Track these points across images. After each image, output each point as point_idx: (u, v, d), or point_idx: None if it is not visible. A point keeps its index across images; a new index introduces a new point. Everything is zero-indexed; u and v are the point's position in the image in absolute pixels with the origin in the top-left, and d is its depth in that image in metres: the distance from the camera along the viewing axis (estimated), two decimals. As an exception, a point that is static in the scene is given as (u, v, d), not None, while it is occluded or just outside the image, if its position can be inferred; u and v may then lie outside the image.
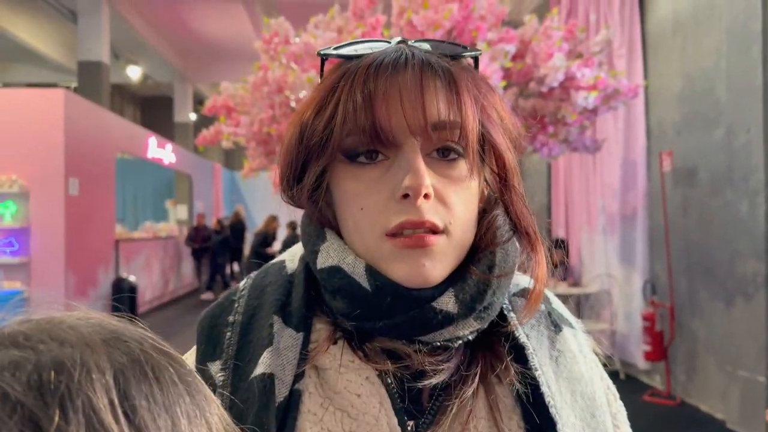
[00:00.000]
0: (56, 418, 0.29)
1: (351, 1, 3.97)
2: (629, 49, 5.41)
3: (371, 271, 0.57)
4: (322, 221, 0.64)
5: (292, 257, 0.68)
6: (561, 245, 6.08)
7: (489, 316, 0.60)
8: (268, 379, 0.57)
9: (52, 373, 0.30)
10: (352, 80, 0.58)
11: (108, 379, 0.31)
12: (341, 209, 0.61)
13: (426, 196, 0.55)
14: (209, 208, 15.00)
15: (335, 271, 0.59)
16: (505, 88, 3.73)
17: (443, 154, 0.58)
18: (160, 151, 10.89)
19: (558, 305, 0.70)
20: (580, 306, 6.40)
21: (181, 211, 13.53)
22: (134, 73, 12.60)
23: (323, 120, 0.58)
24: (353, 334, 0.60)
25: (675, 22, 4.94)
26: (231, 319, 0.64)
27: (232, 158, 18.75)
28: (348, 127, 0.57)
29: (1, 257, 7.09)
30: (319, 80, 0.64)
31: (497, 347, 0.61)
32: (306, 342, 0.60)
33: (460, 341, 0.59)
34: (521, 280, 0.68)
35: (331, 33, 3.91)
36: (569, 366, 0.63)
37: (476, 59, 0.65)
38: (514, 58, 3.72)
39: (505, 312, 0.63)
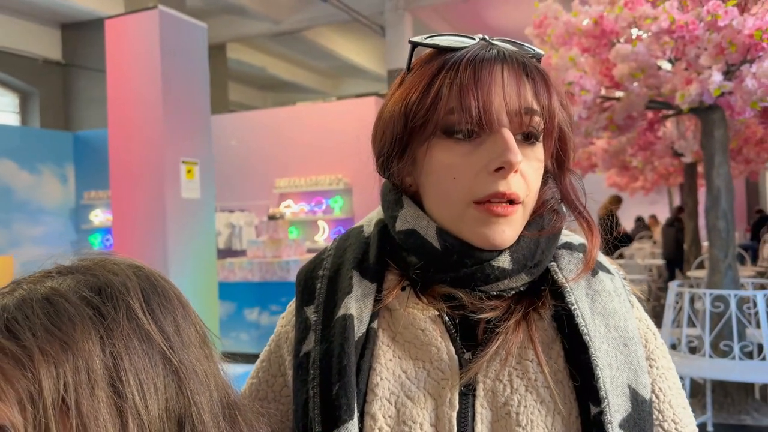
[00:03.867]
0: (111, 310, 0.54)
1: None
2: None
3: (441, 233, 0.69)
4: (402, 189, 0.75)
5: (368, 222, 0.81)
6: None
7: (538, 271, 0.71)
8: (348, 318, 0.70)
9: (107, 287, 0.56)
10: (456, 69, 0.67)
11: (138, 293, 0.57)
12: (430, 178, 0.70)
13: (515, 171, 0.65)
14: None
15: (411, 233, 0.71)
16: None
17: (525, 138, 0.68)
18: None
19: (599, 256, 0.77)
20: None
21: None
22: (440, 74, 13.52)
23: (427, 103, 0.67)
24: (418, 283, 0.72)
25: None
26: (321, 273, 0.77)
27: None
28: (451, 107, 0.66)
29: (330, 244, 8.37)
30: (407, 65, 0.73)
31: (539, 289, 0.72)
32: (379, 290, 0.72)
33: (513, 291, 0.70)
34: (571, 239, 0.76)
35: (599, 6, 3.84)
36: (604, 303, 0.71)
37: (539, 58, 0.74)
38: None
39: (547, 264, 0.73)
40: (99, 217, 8.98)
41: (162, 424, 0.53)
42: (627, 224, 14.02)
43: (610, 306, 0.71)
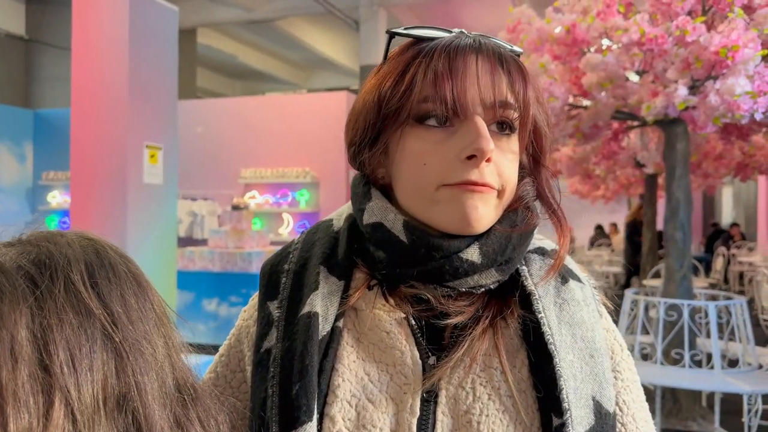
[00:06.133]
0: (46, 280, 0.50)
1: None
2: None
3: (408, 227, 0.67)
4: (372, 180, 0.73)
5: (339, 216, 0.78)
6: None
7: (509, 269, 0.69)
8: (313, 316, 0.67)
9: (46, 259, 0.52)
10: (431, 56, 0.65)
11: (81, 265, 0.53)
12: (402, 166, 0.68)
13: (488, 159, 0.64)
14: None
15: (378, 226, 0.69)
16: (766, 58, 3.32)
17: (500, 129, 0.67)
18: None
19: (570, 263, 0.76)
20: None
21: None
22: (412, 72, 13.58)
23: (401, 90, 0.66)
24: (386, 282, 0.70)
25: None
26: (286, 267, 0.74)
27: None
28: (424, 94, 0.64)
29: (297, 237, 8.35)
30: (384, 56, 0.71)
31: (508, 295, 0.70)
32: (346, 288, 0.70)
33: (483, 289, 0.68)
34: (544, 244, 0.74)
35: (572, 15, 3.88)
36: (572, 312, 0.69)
37: (518, 55, 0.72)
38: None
39: (518, 266, 0.71)
40: (57, 198, 8.77)
41: (96, 405, 0.49)
42: (587, 232, 14.33)
43: (578, 316, 0.69)
